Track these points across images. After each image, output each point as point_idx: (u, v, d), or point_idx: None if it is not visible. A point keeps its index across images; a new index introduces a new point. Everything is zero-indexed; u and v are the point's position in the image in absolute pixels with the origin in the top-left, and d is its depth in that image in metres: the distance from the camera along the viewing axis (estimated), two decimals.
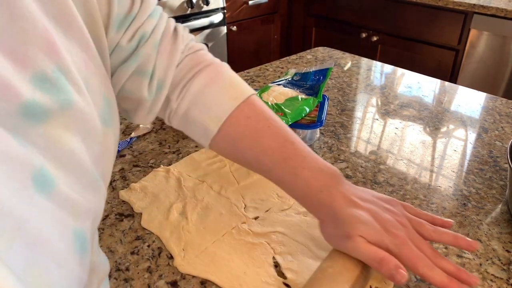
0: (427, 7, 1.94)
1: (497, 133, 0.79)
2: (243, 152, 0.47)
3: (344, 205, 0.44)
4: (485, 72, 1.87)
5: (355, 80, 1.03)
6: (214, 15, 2.10)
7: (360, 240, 0.41)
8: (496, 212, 0.58)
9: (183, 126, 0.50)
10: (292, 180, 0.46)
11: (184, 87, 0.47)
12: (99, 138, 0.30)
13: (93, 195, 0.29)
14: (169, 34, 0.46)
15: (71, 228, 0.27)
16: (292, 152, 0.46)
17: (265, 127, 0.47)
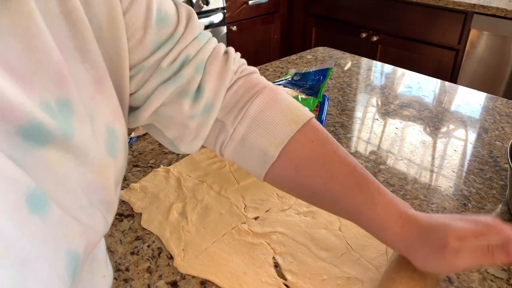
0: (427, 7, 1.94)
1: (497, 133, 0.79)
2: (309, 179, 0.43)
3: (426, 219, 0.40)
4: (485, 72, 1.87)
5: (355, 80, 1.03)
6: (214, 15, 2.10)
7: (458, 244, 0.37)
8: (496, 212, 0.58)
9: (237, 154, 0.45)
10: (368, 208, 0.41)
11: (241, 110, 0.43)
12: (95, 168, 0.30)
13: (87, 221, 0.30)
14: (219, 56, 0.43)
15: (65, 251, 0.27)
16: (365, 178, 0.42)
17: (331, 152, 0.44)
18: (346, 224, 0.55)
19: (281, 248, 0.52)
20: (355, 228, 0.54)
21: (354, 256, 0.50)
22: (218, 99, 0.42)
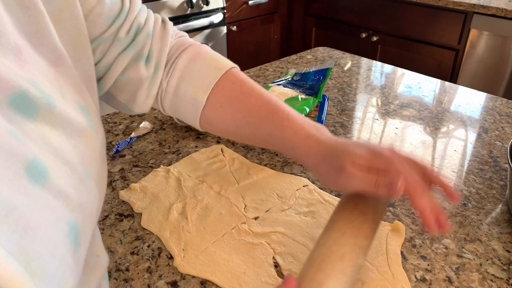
0: (427, 7, 1.94)
1: (497, 133, 0.79)
2: (231, 116, 0.49)
3: (332, 144, 0.45)
4: (485, 72, 1.87)
5: (355, 80, 1.03)
6: (214, 15, 2.10)
7: (352, 169, 0.41)
8: (496, 212, 0.58)
9: (174, 104, 0.51)
10: (280, 133, 0.47)
11: (172, 65, 0.50)
12: (85, 140, 0.32)
13: (86, 192, 0.31)
14: (159, 23, 0.50)
15: (66, 220, 0.28)
16: (277, 108, 0.48)
17: (249, 90, 0.50)
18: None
19: (281, 248, 0.52)
20: None
21: None
22: (163, 59, 0.49)
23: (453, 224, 0.56)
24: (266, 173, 0.66)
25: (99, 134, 0.35)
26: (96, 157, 0.33)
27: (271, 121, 0.48)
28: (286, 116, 0.47)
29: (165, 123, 0.81)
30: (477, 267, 0.50)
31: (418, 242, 0.53)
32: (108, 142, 0.76)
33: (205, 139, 0.76)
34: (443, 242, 0.53)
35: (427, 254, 0.51)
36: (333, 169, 0.43)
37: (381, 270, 0.48)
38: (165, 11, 1.93)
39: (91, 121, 0.34)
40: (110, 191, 0.63)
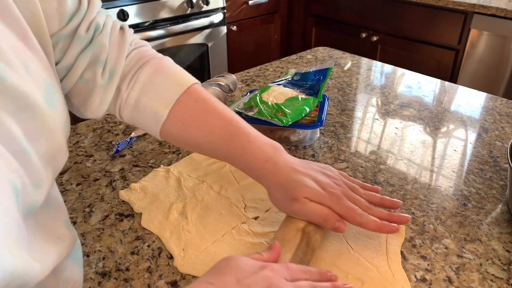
0: (427, 7, 1.94)
1: (497, 133, 0.79)
2: (193, 134, 0.51)
3: (287, 172, 0.49)
4: (485, 72, 1.87)
5: (355, 80, 1.03)
6: (214, 15, 2.10)
7: (306, 201, 0.48)
8: (496, 212, 0.58)
9: (134, 116, 0.52)
10: (239, 154, 0.51)
11: (133, 77, 0.50)
12: (36, 117, 0.33)
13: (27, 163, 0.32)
14: (117, 28, 0.50)
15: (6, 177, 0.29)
16: (238, 129, 0.51)
17: (211, 108, 0.51)
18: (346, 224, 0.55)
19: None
20: (355, 228, 0.54)
21: (354, 256, 0.50)
22: (119, 67, 0.49)
23: (453, 224, 0.56)
24: None
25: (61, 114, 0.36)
26: (47, 134, 0.34)
27: (232, 143, 0.51)
28: (246, 138, 0.50)
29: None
30: (477, 267, 0.50)
31: (418, 242, 0.53)
32: (108, 142, 0.76)
33: None
34: (443, 242, 0.53)
35: (427, 254, 0.51)
36: (288, 198, 0.49)
37: (381, 270, 0.48)
38: (165, 11, 1.93)
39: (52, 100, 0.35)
40: (110, 191, 0.63)
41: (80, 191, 0.63)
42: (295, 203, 0.48)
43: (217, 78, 0.89)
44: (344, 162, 0.70)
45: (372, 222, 0.48)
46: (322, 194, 0.48)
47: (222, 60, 2.28)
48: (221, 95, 0.85)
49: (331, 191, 0.49)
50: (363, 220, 0.48)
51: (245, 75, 1.06)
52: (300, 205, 0.48)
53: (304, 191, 0.48)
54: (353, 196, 0.50)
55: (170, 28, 1.94)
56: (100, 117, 0.51)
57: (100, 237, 0.54)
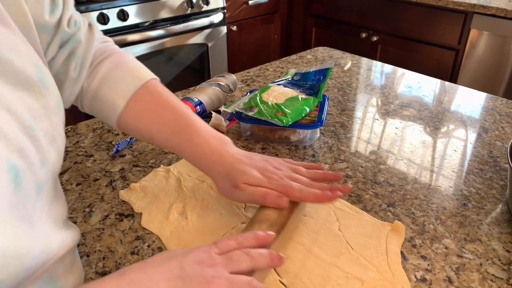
0: (427, 7, 1.94)
1: (497, 133, 0.79)
2: (147, 125, 0.55)
3: (231, 162, 0.52)
4: (485, 72, 1.87)
5: (355, 80, 1.03)
6: (214, 15, 2.10)
7: (246, 186, 0.51)
8: (496, 212, 0.58)
9: (93, 106, 0.55)
10: (188, 147, 0.54)
11: (95, 69, 0.53)
12: (33, 94, 0.34)
13: (30, 143, 0.32)
14: (86, 25, 0.54)
15: (4, 157, 0.30)
16: (188, 123, 0.54)
17: (166, 102, 0.55)
18: (346, 224, 0.55)
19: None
20: (355, 228, 0.54)
21: (353, 256, 0.50)
22: (87, 61, 0.52)
23: (453, 224, 0.56)
24: None
25: (52, 92, 0.37)
26: (46, 113, 0.35)
27: (182, 136, 0.54)
28: (195, 131, 0.54)
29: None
30: (477, 267, 0.50)
31: (418, 242, 0.53)
32: (108, 142, 0.76)
33: None
34: (443, 242, 0.53)
35: (427, 254, 0.51)
36: (229, 186, 0.52)
37: (381, 270, 0.48)
38: (165, 11, 1.93)
39: (44, 79, 0.36)
40: (110, 191, 0.63)
41: (80, 191, 0.63)
42: (237, 189, 0.51)
43: (217, 78, 0.89)
44: (344, 162, 0.70)
45: (311, 194, 0.51)
46: (261, 178, 0.52)
47: (222, 60, 2.28)
48: (221, 95, 0.85)
49: (269, 175, 0.52)
50: (302, 194, 0.51)
51: (245, 75, 1.06)
52: (241, 191, 0.51)
53: (244, 177, 0.51)
54: (294, 176, 0.53)
55: (170, 28, 1.94)
56: (67, 107, 0.53)
57: (100, 237, 0.54)
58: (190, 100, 0.78)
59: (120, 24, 1.79)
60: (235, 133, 0.78)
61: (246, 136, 0.77)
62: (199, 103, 0.78)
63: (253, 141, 0.76)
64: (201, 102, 0.79)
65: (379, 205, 0.59)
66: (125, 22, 1.80)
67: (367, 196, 0.61)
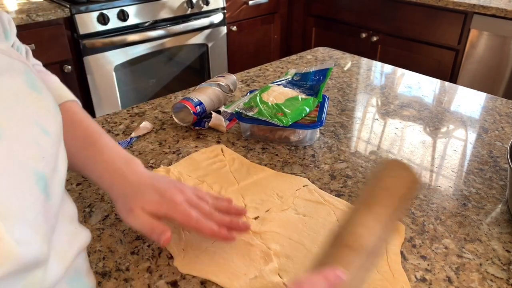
0: (427, 7, 1.94)
1: (497, 133, 0.79)
2: None
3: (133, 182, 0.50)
4: (485, 72, 1.87)
5: (355, 80, 1.03)
6: (214, 15, 2.10)
7: (140, 212, 0.47)
8: (496, 212, 0.58)
9: None
10: (92, 164, 0.52)
11: None
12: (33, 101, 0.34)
13: (49, 146, 0.32)
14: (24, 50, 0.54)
15: (31, 169, 0.30)
16: (96, 140, 0.53)
17: (78, 121, 0.54)
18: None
19: (281, 248, 0.52)
20: None
21: None
22: None
23: (453, 224, 0.56)
24: (266, 173, 0.66)
25: (46, 96, 0.37)
26: (52, 116, 0.35)
27: (85, 152, 0.52)
28: (101, 149, 0.52)
29: (165, 123, 0.82)
30: (477, 267, 0.50)
31: (418, 242, 0.53)
32: None
33: (205, 139, 0.76)
34: (443, 242, 0.53)
35: (427, 254, 0.51)
36: (125, 208, 0.48)
37: (381, 270, 0.48)
38: (165, 11, 1.93)
39: (35, 86, 0.36)
40: None
41: (80, 191, 0.63)
42: (130, 213, 0.48)
43: (217, 78, 0.89)
44: (344, 162, 0.70)
45: (208, 229, 0.47)
46: (158, 200, 0.48)
47: (222, 60, 2.28)
48: (221, 95, 0.85)
49: (169, 197, 0.48)
50: (199, 225, 0.47)
51: (245, 75, 1.06)
52: (133, 217, 0.48)
53: (141, 200, 0.48)
54: (194, 202, 0.50)
55: (170, 28, 1.94)
56: None
57: (100, 237, 0.54)
58: (190, 100, 0.78)
59: (120, 24, 1.79)
60: (235, 133, 0.78)
61: (246, 136, 0.77)
62: (199, 103, 0.78)
63: (253, 141, 0.76)
64: (201, 102, 0.79)
65: None
66: (125, 22, 1.80)
67: None
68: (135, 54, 1.90)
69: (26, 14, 1.55)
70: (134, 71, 1.99)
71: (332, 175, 0.66)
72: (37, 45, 1.59)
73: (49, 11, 1.60)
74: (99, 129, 0.54)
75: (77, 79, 1.78)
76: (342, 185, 0.64)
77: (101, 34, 1.75)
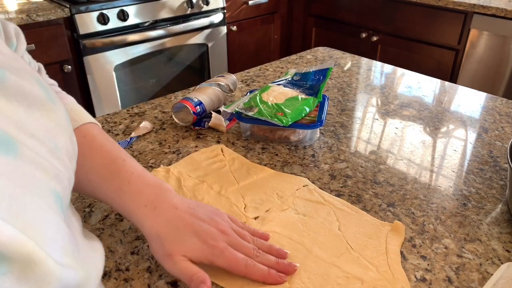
0: (427, 7, 1.94)
1: (497, 133, 0.79)
2: None
3: (167, 220, 0.46)
4: (485, 72, 1.87)
5: (355, 80, 1.03)
6: (214, 15, 2.10)
7: (179, 259, 0.44)
8: (496, 212, 0.58)
9: None
10: (118, 197, 0.47)
11: None
12: (46, 113, 0.31)
13: (59, 164, 0.31)
14: (37, 68, 0.52)
15: (48, 189, 0.28)
16: (120, 168, 0.48)
17: (98, 146, 0.49)
18: (346, 223, 0.55)
19: (281, 247, 0.52)
20: (355, 228, 0.54)
21: (353, 255, 0.50)
22: None
23: (453, 224, 0.56)
24: (266, 173, 0.66)
25: (59, 108, 0.35)
26: (61, 130, 0.33)
27: (111, 183, 0.47)
28: (127, 178, 0.47)
29: (165, 123, 0.82)
30: (477, 267, 0.50)
31: (418, 242, 0.53)
32: None
33: (205, 139, 0.76)
34: (443, 242, 0.53)
35: (427, 254, 0.51)
36: (162, 252, 0.45)
37: (381, 270, 0.48)
38: (165, 11, 1.93)
39: (49, 95, 0.34)
40: None
41: None
42: (169, 259, 0.44)
43: (217, 78, 0.89)
44: (344, 162, 0.70)
45: (259, 272, 0.45)
46: (201, 248, 0.45)
47: (222, 60, 2.28)
48: (221, 95, 0.85)
49: (212, 244, 0.45)
50: (249, 270, 0.45)
51: (245, 75, 1.06)
52: (172, 263, 0.44)
53: (181, 247, 0.45)
54: (238, 243, 0.47)
55: (170, 28, 1.94)
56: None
57: (100, 237, 0.54)
58: (190, 100, 0.78)
59: (120, 24, 1.79)
60: (235, 133, 0.78)
61: (246, 136, 0.77)
62: (199, 103, 0.78)
63: (253, 141, 0.76)
64: (201, 102, 0.79)
65: (379, 205, 0.59)
66: (125, 22, 1.80)
67: (367, 196, 0.61)
68: (135, 54, 1.90)
69: (26, 14, 1.55)
70: (134, 71, 1.99)
71: (332, 175, 0.66)
72: (37, 45, 1.59)
73: (49, 11, 1.60)
74: (122, 153, 0.50)
75: (77, 79, 1.79)
76: (342, 185, 0.64)
77: (101, 34, 1.75)
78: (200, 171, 0.66)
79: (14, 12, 1.58)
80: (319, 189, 0.62)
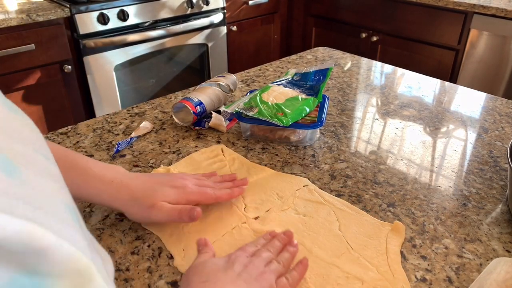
0: (427, 7, 1.94)
1: (497, 133, 0.79)
2: None
3: (137, 184, 0.52)
4: (485, 72, 1.87)
5: (355, 80, 1.03)
6: (214, 15, 2.10)
7: (163, 204, 0.51)
8: (496, 212, 0.58)
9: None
10: (83, 182, 0.51)
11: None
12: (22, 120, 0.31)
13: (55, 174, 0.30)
14: None
15: (63, 203, 0.28)
16: (76, 159, 0.52)
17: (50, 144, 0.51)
18: (346, 224, 0.55)
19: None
20: (355, 228, 0.54)
21: (353, 255, 0.50)
22: None
23: (453, 224, 0.56)
24: (266, 173, 0.66)
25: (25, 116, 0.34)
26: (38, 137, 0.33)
27: (73, 171, 0.50)
28: (86, 164, 0.52)
29: (165, 123, 0.82)
30: (477, 267, 0.50)
31: (418, 242, 0.53)
32: (108, 142, 0.76)
33: (205, 139, 0.76)
34: (443, 242, 0.53)
35: (427, 254, 0.51)
36: (143, 209, 0.51)
37: (381, 270, 0.48)
38: (165, 11, 1.93)
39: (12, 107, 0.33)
40: None
41: None
42: (153, 209, 0.51)
43: (217, 78, 0.89)
44: (344, 162, 0.70)
45: (225, 194, 0.56)
46: (175, 191, 0.52)
47: (222, 60, 2.28)
48: (221, 95, 0.85)
49: (181, 185, 0.53)
50: (217, 194, 0.55)
51: (245, 75, 1.06)
52: (158, 210, 0.51)
53: (160, 195, 0.51)
54: (200, 182, 0.56)
55: (170, 28, 1.94)
56: None
57: (100, 237, 0.54)
58: (190, 100, 0.78)
59: (120, 24, 1.79)
60: (235, 133, 0.78)
61: (246, 136, 0.77)
62: (199, 103, 0.78)
63: (253, 141, 0.76)
64: (201, 102, 0.79)
65: (379, 205, 0.59)
66: (125, 22, 1.80)
67: (367, 196, 0.61)
68: (135, 54, 1.90)
69: (26, 14, 1.55)
70: (134, 71, 1.99)
71: (332, 175, 0.66)
72: (37, 45, 1.59)
73: (49, 11, 1.60)
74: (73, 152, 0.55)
75: (77, 79, 1.78)
76: (342, 185, 0.64)
77: (101, 34, 1.75)
78: (200, 171, 0.66)
79: (14, 12, 1.58)
80: (319, 189, 0.62)
